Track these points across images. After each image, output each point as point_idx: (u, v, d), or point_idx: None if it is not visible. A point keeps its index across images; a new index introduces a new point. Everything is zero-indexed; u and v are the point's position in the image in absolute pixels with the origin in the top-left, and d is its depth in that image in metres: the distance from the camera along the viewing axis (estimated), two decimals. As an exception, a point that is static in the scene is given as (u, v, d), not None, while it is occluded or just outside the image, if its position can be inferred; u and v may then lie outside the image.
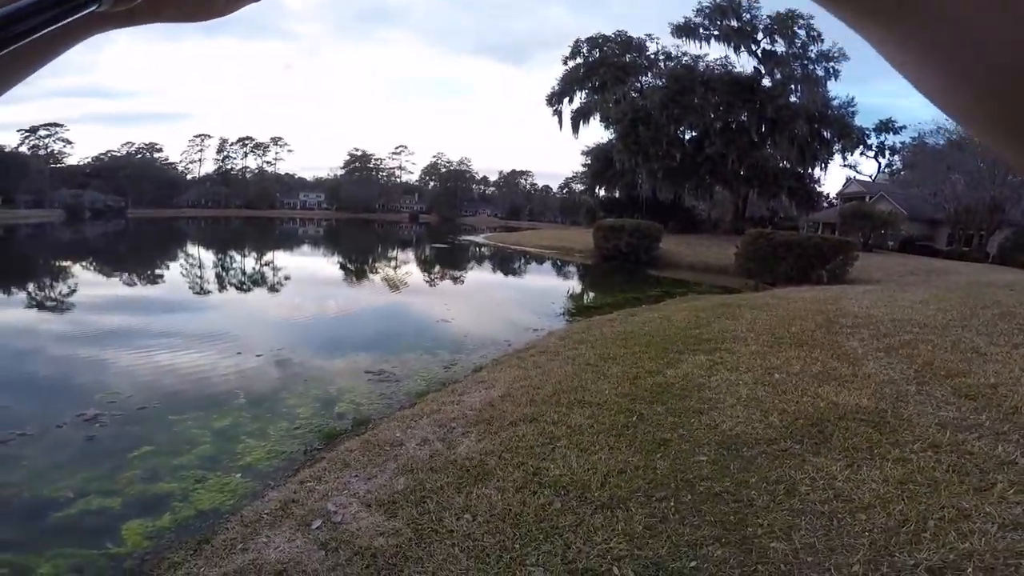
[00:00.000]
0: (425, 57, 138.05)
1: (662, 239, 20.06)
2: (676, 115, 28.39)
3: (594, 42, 32.74)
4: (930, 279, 13.64)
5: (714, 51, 28.50)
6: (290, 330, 7.97)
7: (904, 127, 40.75)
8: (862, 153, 36.01)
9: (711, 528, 2.18)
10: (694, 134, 30.14)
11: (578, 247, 23.76)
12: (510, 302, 11.85)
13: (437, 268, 20.66)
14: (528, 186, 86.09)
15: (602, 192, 35.82)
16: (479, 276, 18.70)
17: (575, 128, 33.68)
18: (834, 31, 29.02)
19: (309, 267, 18.76)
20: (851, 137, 29.26)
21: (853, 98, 31.14)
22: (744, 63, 32.34)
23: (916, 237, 28.06)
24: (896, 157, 35.67)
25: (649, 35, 32.25)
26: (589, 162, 35.32)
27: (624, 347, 5.19)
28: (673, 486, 2.52)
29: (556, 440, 3.04)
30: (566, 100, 34.00)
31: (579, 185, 52.60)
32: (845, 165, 41.07)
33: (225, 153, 75.61)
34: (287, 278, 14.85)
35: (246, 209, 68.25)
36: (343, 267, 20.05)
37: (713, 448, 2.87)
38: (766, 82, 28.77)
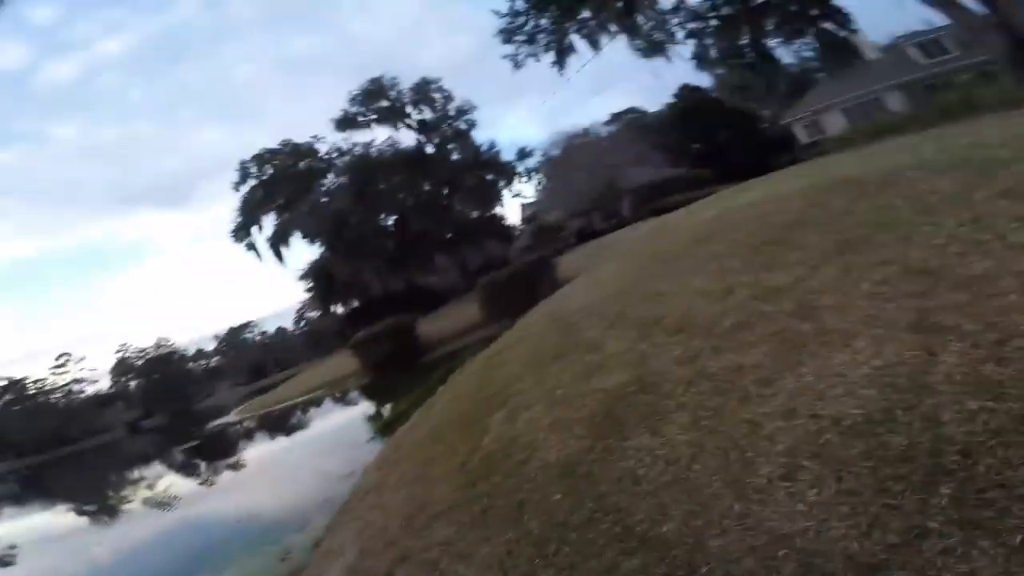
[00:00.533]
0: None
1: (416, 327, 20.67)
2: (371, 206, 29.69)
3: (261, 159, 31.94)
4: (602, 253, 17.45)
5: (380, 134, 31.02)
6: None
7: (534, 149, 51.62)
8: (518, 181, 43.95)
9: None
10: (394, 218, 32.07)
11: (345, 373, 22.71)
12: (311, 462, 10.61)
13: (204, 468, 16.75)
14: (259, 336, 76.87)
15: (339, 308, 35.04)
16: (264, 453, 15.93)
17: (277, 254, 32.17)
18: (459, 88, 34.68)
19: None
20: (507, 172, 35.63)
21: (494, 141, 38.17)
22: (407, 138, 36.08)
23: (584, 227, 35.68)
24: (539, 174, 44.85)
25: (315, 136, 32.85)
26: (310, 284, 34.21)
27: (435, 441, 5.32)
28: None
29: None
30: (255, 229, 32.22)
31: (313, 312, 50.22)
32: (515, 196, 49.57)
33: None
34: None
35: None
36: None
37: (555, 481, 3.14)
38: (430, 149, 32.63)
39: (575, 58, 23.92)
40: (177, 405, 61.80)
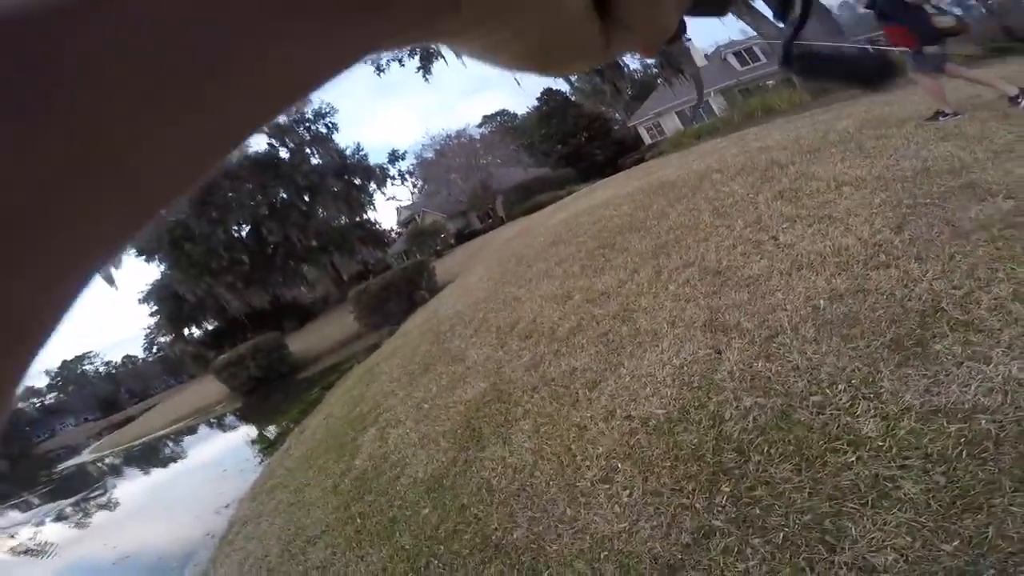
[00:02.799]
0: None
1: (286, 343, 19.31)
2: (218, 217, 27.11)
3: None
4: (477, 254, 17.76)
5: None
6: None
7: (406, 152, 50.74)
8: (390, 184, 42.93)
9: None
10: (248, 228, 29.62)
11: (212, 399, 20.44)
12: (187, 495, 9.45)
13: (70, 512, 13.95)
14: (103, 367, 66.89)
15: (195, 331, 31.47)
16: (136, 489, 13.61)
17: (108, 279, 27.94)
18: (321, 92, 32.83)
19: None
20: (376, 176, 34.54)
21: (359, 144, 36.75)
22: (256, 142, 33.28)
23: (462, 229, 35.90)
24: (413, 177, 44.30)
25: None
26: (156, 308, 30.33)
27: (308, 467, 5.12)
28: None
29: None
30: None
31: (164, 337, 44.44)
32: (389, 199, 48.18)
33: None
34: None
35: None
36: None
37: (422, 495, 3.09)
38: (284, 154, 30.51)
39: (440, 63, 23.95)
40: (14, 450, 51.39)
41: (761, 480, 1.91)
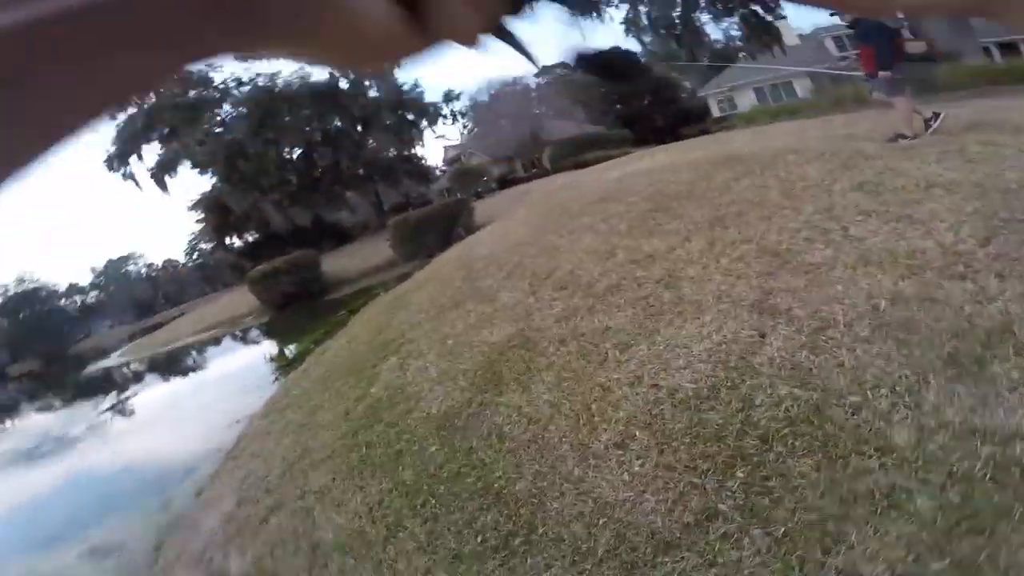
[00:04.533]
0: None
1: (321, 263, 19.70)
2: (273, 139, 27.53)
3: None
4: (522, 199, 17.44)
5: (286, 67, 28.76)
6: None
7: (462, 93, 49.61)
8: (442, 123, 42.57)
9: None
10: (300, 151, 29.99)
11: (242, 311, 21.21)
12: (202, 407, 9.94)
13: (85, 416, 14.81)
14: (144, 269, 68.52)
15: (236, 242, 32.51)
16: (154, 397, 14.25)
17: (162, 185, 28.94)
18: None
19: None
20: (430, 114, 34.08)
21: (417, 80, 36.11)
22: (318, 72, 33.21)
23: (506, 174, 35.37)
24: (465, 118, 43.53)
25: (210, 64, 29.33)
26: (203, 216, 31.36)
27: (325, 388, 5.15)
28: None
29: None
30: (133, 159, 28.59)
31: (206, 244, 46.14)
32: (438, 137, 47.74)
33: None
34: None
35: None
36: None
37: (434, 432, 3.13)
38: (344, 84, 30.35)
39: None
40: (49, 347, 53.68)
41: (778, 471, 1.85)
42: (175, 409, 10.92)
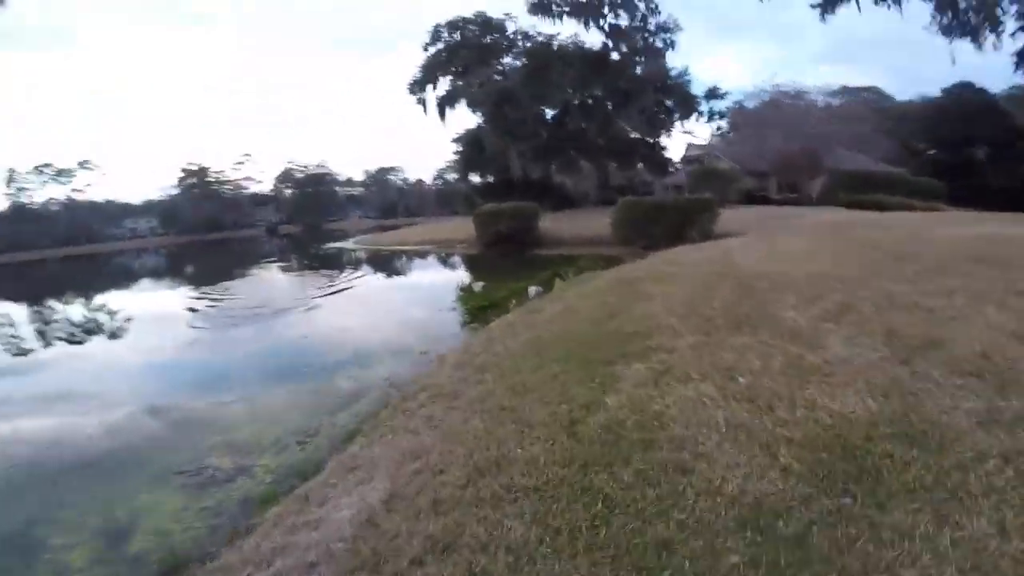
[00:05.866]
0: (276, 53, 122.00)
1: (540, 218, 19.80)
2: (538, 93, 28.39)
3: (454, 25, 31.30)
4: (786, 224, 14.60)
5: (566, 28, 29.46)
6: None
7: (728, 93, 45.13)
8: (696, 119, 39.29)
9: None
10: (555, 111, 30.46)
11: (459, 237, 22.66)
12: (391, 317, 10.28)
13: (296, 289, 16.39)
14: (400, 182, 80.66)
15: (476, 178, 35.04)
16: (355, 291, 15.73)
17: (441, 115, 32.25)
18: (668, 3, 30.99)
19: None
20: (689, 105, 31.45)
21: (687, 68, 33.49)
22: (593, 39, 33.18)
23: (753, 189, 31.19)
24: (723, 120, 39.45)
25: (508, 14, 31.20)
26: (461, 149, 34.20)
27: (539, 366, 4.05)
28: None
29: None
30: (429, 87, 32.00)
31: (453, 174, 51.17)
32: (684, 132, 44.53)
33: (18, 185, 60.70)
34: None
35: (62, 247, 54.50)
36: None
37: (736, 534, 1.87)
38: (614, 56, 29.78)
39: (844, 9, 19.26)
40: (314, 219, 68.03)
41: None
42: (371, 304, 11.60)
